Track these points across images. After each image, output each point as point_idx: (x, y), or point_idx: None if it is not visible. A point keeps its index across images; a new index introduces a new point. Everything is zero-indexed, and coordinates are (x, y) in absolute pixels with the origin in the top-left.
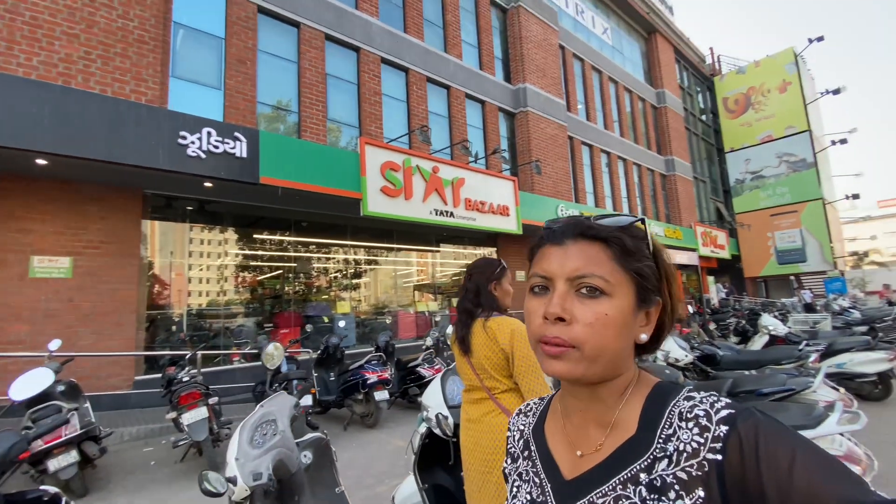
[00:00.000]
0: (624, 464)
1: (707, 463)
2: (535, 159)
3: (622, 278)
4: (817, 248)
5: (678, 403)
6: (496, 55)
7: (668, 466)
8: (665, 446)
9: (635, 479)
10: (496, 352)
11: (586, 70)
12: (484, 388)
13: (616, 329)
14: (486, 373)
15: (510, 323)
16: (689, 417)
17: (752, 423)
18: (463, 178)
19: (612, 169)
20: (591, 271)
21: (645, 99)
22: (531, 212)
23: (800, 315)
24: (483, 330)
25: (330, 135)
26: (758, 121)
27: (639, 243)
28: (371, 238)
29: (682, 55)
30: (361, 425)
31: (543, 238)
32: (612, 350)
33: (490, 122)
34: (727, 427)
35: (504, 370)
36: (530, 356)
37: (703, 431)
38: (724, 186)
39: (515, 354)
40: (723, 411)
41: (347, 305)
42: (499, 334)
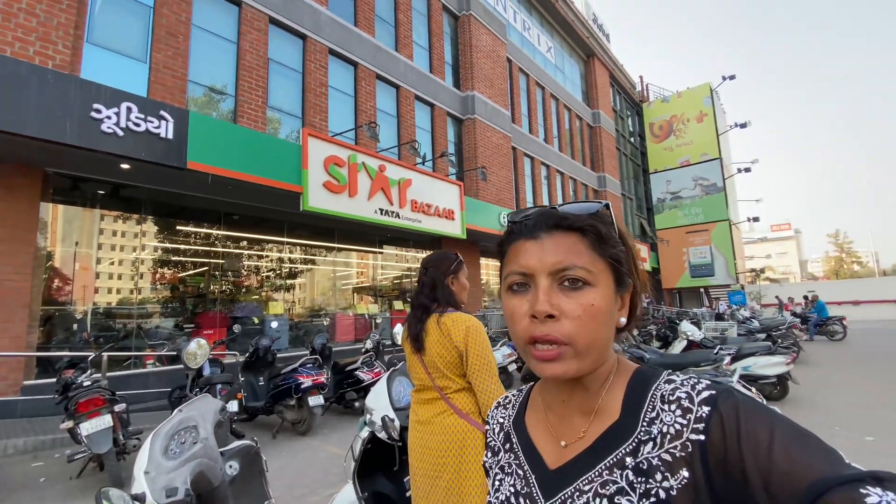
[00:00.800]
0: (609, 449)
1: (690, 444)
2: (481, 166)
3: (601, 266)
4: (723, 264)
5: (659, 387)
6: (447, 60)
7: (654, 449)
8: (649, 429)
9: (621, 463)
10: (450, 349)
11: (531, 85)
12: (436, 388)
13: (603, 318)
14: (438, 371)
15: (465, 319)
16: (671, 400)
17: (732, 402)
18: (410, 178)
19: (550, 181)
20: (573, 262)
21: (582, 118)
22: (475, 217)
23: (710, 322)
24: (437, 326)
25: (270, 124)
26: (678, 146)
27: (609, 229)
28: (310, 236)
29: (616, 80)
30: (293, 432)
31: (514, 233)
32: (601, 340)
33: (438, 125)
34: (709, 407)
35: (457, 369)
36: (486, 355)
37: (685, 413)
38: (647, 204)
39: (470, 352)
40: (704, 392)
41: (280, 306)
42: (453, 331)
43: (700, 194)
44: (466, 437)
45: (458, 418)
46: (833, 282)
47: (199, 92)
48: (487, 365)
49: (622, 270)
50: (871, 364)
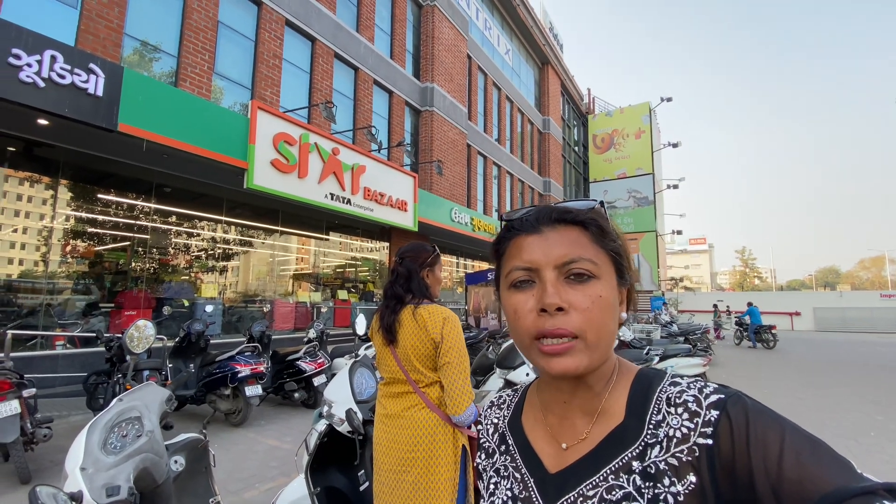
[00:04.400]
0: (614, 453)
1: (698, 448)
2: (437, 160)
3: (605, 258)
4: (648, 272)
5: (665, 389)
6: (408, 49)
7: (661, 453)
8: (656, 432)
9: (627, 467)
10: (425, 342)
11: (488, 85)
12: (409, 381)
13: (610, 310)
14: (410, 364)
15: (442, 311)
16: (677, 403)
17: (742, 406)
18: (364, 165)
19: (500, 181)
20: (579, 255)
21: (533, 123)
22: (427, 210)
23: (637, 325)
24: (412, 318)
25: (216, 93)
26: (617, 159)
27: (607, 224)
28: (251, 216)
29: (566, 90)
30: (225, 424)
31: (513, 229)
32: (609, 332)
33: (396, 114)
34: (717, 412)
35: (431, 361)
36: (460, 349)
37: (692, 417)
38: None
39: (444, 344)
40: (712, 396)
41: (214, 289)
42: (430, 323)
43: (633, 206)
44: (437, 431)
45: (429, 412)
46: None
47: (136, 49)
48: (459, 359)
49: (622, 264)
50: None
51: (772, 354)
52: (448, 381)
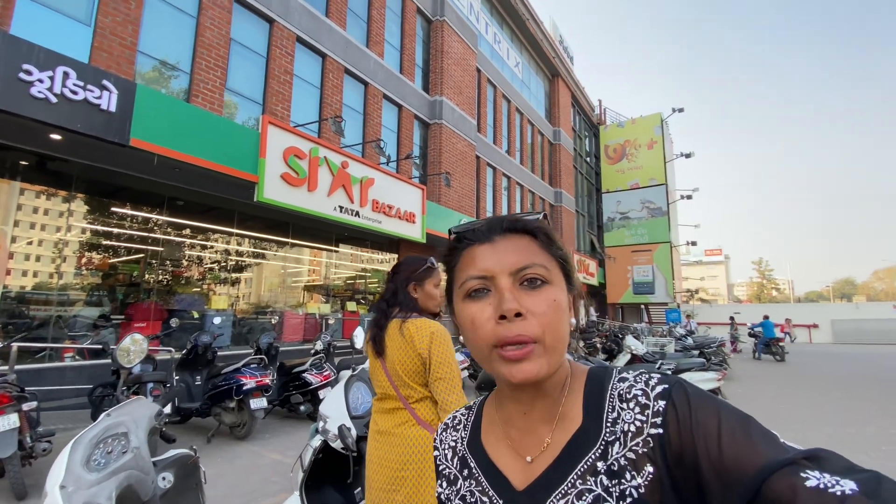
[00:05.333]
0: (578, 457)
1: (651, 439)
2: (446, 172)
3: (555, 265)
4: (663, 283)
5: (615, 386)
6: (417, 63)
7: (620, 449)
8: (614, 429)
9: (593, 468)
10: (412, 356)
11: (497, 97)
12: (399, 397)
13: (564, 314)
14: (400, 379)
15: (430, 325)
16: (628, 398)
17: (684, 393)
18: (373, 178)
19: (510, 193)
20: (532, 261)
21: (544, 134)
22: (436, 222)
23: (650, 338)
24: (399, 332)
25: (228, 108)
26: (629, 170)
27: (554, 233)
28: (262, 228)
29: (577, 101)
30: (230, 437)
31: (464, 240)
32: (565, 336)
33: (405, 127)
34: (664, 401)
35: (420, 377)
36: (449, 363)
37: (643, 409)
38: (598, 222)
39: (433, 359)
40: (658, 387)
41: (225, 301)
42: (417, 337)
43: (646, 216)
44: (428, 449)
45: (420, 429)
46: (755, 305)
47: (149, 65)
48: (451, 374)
49: (570, 271)
50: (801, 382)
51: (788, 368)
52: (441, 398)
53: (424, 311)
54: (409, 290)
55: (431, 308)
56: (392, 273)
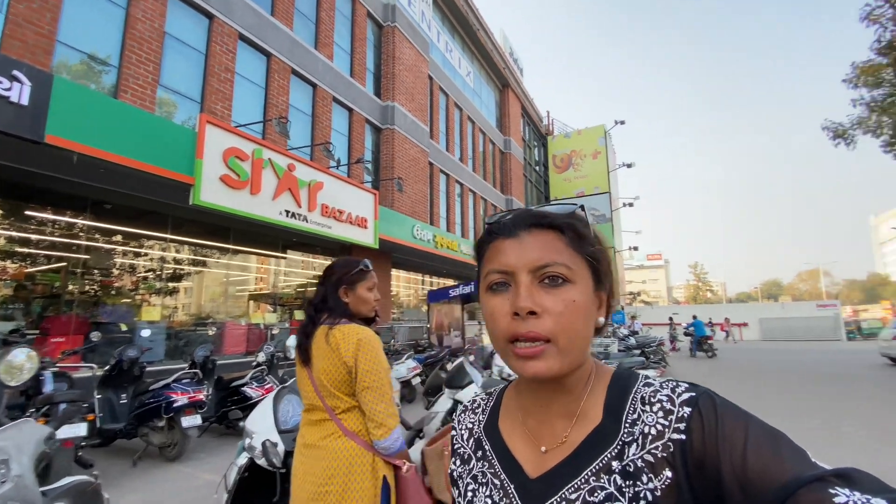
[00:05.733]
0: (594, 454)
1: (672, 443)
2: (398, 177)
3: (580, 263)
4: None
5: (639, 389)
6: (368, 67)
7: (638, 450)
8: (632, 430)
9: (608, 467)
10: (337, 365)
11: (450, 105)
12: (326, 408)
13: (584, 315)
14: (326, 390)
15: (358, 332)
16: (652, 401)
17: (712, 403)
18: (322, 181)
19: (463, 199)
20: (554, 259)
21: (495, 143)
22: (389, 227)
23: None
24: (325, 340)
25: (165, 106)
26: (575, 178)
27: (586, 228)
28: (201, 234)
29: (526, 112)
30: (160, 458)
31: (493, 233)
32: (582, 337)
33: (356, 131)
34: (690, 408)
35: (347, 387)
36: (377, 371)
37: (667, 414)
38: None
39: (360, 368)
40: (684, 394)
41: (157, 312)
42: (342, 345)
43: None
44: (354, 461)
45: (346, 440)
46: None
47: (72, 58)
48: (378, 382)
49: (600, 269)
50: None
51: (717, 363)
52: (368, 407)
53: (357, 316)
54: (340, 295)
55: (364, 313)
56: (323, 276)
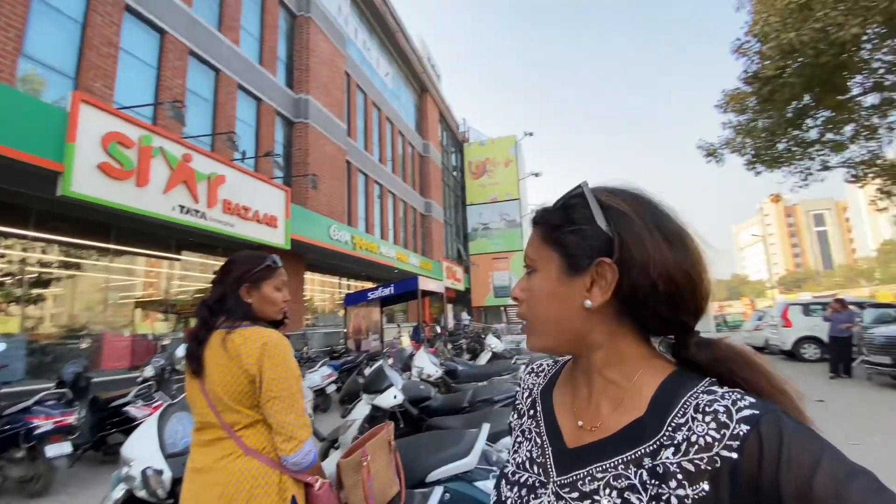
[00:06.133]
0: (629, 445)
1: (720, 459)
2: (313, 174)
3: (548, 252)
4: None
5: (697, 395)
6: (280, 57)
7: (674, 455)
8: (673, 435)
9: (639, 461)
10: (237, 375)
11: (368, 104)
12: (222, 425)
13: (543, 297)
14: (222, 403)
15: (262, 335)
16: (707, 411)
17: (776, 426)
18: (224, 175)
19: (382, 200)
20: (528, 253)
21: (414, 146)
22: (302, 227)
23: (509, 337)
24: (222, 346)
25: (26, 82)
26: (489, 185)
27: (570, 212)
28: (73, 231)
29: (444, 118)
30: (21, 494)
31: None
32: (547, 317)
33: (265, 123)
34: (748, 427)
35: (249, 399)
36: (285, 378)
37: (720, 427)
38: (464, 231)
39: (265, 376)
40: (745, 410)
41: (16, 323)
42: (244, 350)
43: (504, 227)
44: (257, 483)
45: (248, 460)
46: None
47: None
48: (287, 391)
49: (571, 252)
50: None
51: None
52: (276, 419)
53: (261, 319)
54: (242, 294)
55: (270, 315)
56: (220, 273)
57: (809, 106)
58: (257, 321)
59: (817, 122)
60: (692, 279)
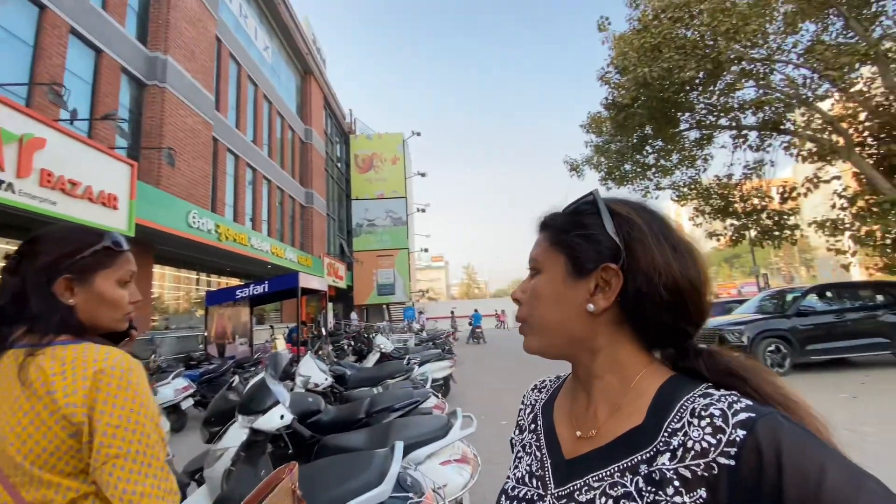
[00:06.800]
0: (626, 452)
1: (717, 466)
2: (168, 147)
3: (552, 255)
4: (402, 285)
5: (694, 399)
6: (131, 4)
7: (671, 461)
8: (669, 440)
9: (635, 468)
10: (47, 424)
11: (242, 77)
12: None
13: (547, 298)
14: (19, 471)
15: (93, 358)
16: (703, 415)
17: (774, 430)
18: (43, 137)
19: (256, 187)
20: (533, 255)
21: (295, 130)
22: (154, 211)
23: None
24: (17, 376)
25: None
26: (376, 180)
27: (579, 218)
28: None
29: (329, 105)
30: None
31: None
32: (549, 319)
33: (106, 80)
34: (745, 432)
35: (69, 462)
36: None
37: (716, 432)
38: (347, 227)
39: (99, 424)
40: (741, 414)
41: None
42: (59, 383)
43: (390, 225)
44: None
45: None
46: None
47: None
48: (136, 445)
49: (578, 256)
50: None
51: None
52: (119, 490)
53: (94, 330)
54: (57, 291)
55: (107, 323)
56: (18, 257)
57: (649, 135)
58: (85, 334)
59: (654, 150)
60: (697, 290)
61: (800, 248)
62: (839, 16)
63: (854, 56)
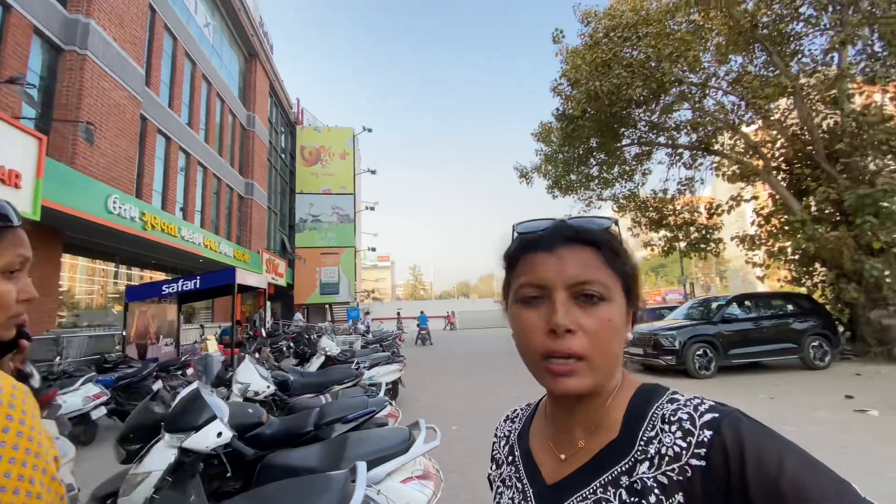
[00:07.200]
0: (606, 466)
1: (690, 469)
2: (87, 121)
3: (615, 281)
4: (347, 285)
5: (662, 406)
6: None
7: (649, 469)
8: (646, 448)
9: (616, 481)
10: None
11: (178, 52)
12: None
13: (618, 333)
14: None
15: None
16: (672, 420)
17: (736, 427)
18: None
19: (190, 173)
20: (591, 277)
21: (236, 115)
22: (65, 194)
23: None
24: None
25: None
26: (323, 175)
27: (621, 246)
28: None
29: (275, 92)
30: None
31: (528, 244)
32: (615, 356)
33: (14, 39)
34: (711, 432)
35: None
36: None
37: (686, 435)
38: (290, 222)
39: None
40: (706, 415)
41: None
42: None
43: (336, 221)
44: None
45: None
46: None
47: None
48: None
49: (632, 287)
50: (445, 362)
51: (435, 349)
52: None
53: None
54: None
55: None
56: None
57: (594, 148)
58: None
59: (598, 162)
60: None
61: (716, 260)
62: (763, 50)
63: (777, 88)
